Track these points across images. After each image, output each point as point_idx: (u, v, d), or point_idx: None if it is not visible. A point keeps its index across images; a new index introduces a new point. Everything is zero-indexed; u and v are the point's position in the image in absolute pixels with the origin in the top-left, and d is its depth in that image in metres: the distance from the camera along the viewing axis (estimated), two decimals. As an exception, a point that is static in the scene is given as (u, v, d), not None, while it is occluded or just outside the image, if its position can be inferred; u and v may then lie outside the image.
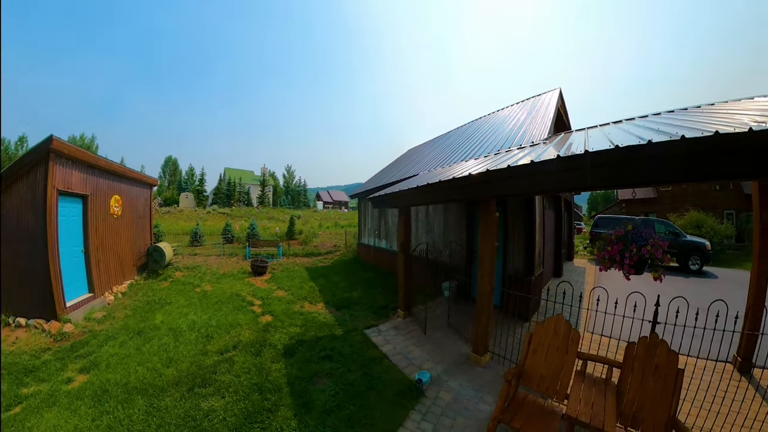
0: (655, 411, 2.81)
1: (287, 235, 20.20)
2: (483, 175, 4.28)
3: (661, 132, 3.29)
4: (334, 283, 10.02)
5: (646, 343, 3.04)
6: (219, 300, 8.19)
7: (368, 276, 10.93)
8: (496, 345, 5.25)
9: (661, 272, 3.56)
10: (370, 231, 13.85)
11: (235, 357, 5.20)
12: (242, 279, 10.60)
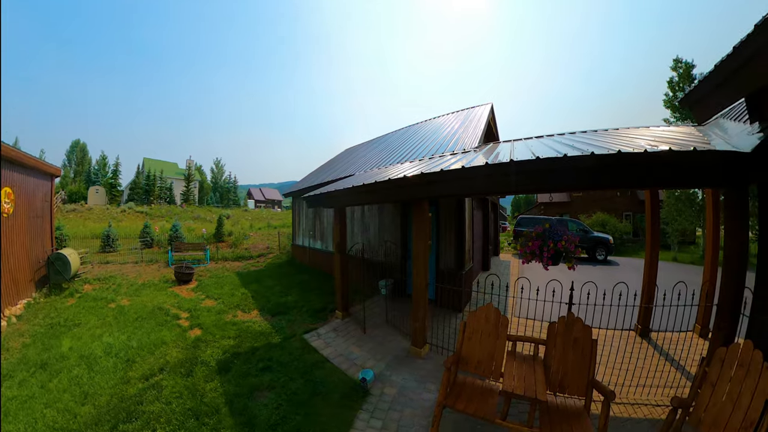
0: (577, 376, 3.28)
1: (215, 237, 18.72)
2: (418, 177, 4.59)
3: (575, 148, 3.92)
4: (269, 288, 9.52)
5: (565, 321, 3.49)
6: (139, 316, 7.24)
7: (304, 278, 10.63)
8: (433, 336, 5.50)
9: (574, 262, 4.28)
10: (305, 231, 13.56)
11: (164, 381, 4.58)
12: (165, 289, 9.53)
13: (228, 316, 7.23)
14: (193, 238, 17.86)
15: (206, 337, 6.06)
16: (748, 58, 3.06)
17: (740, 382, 2.66)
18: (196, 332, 6.37)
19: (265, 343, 5.81)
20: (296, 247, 14.47)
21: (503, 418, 3.19)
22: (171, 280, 10.45)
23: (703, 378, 2.92)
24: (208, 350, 5.52)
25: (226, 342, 5.85)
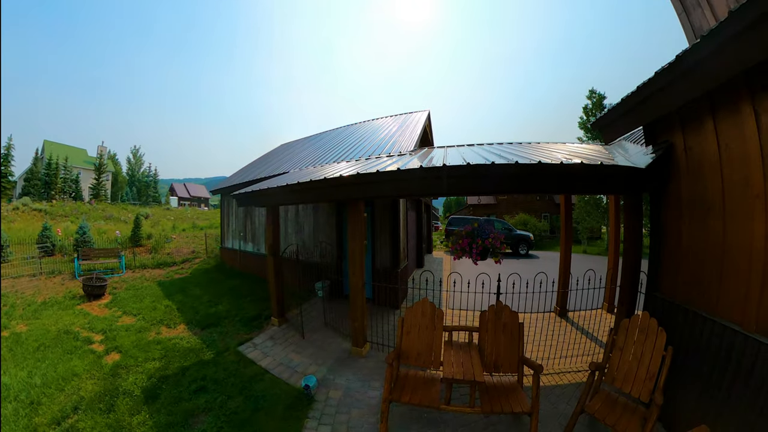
0: (509, 356, 3.74)
1: (132, 240, 15.74)
2: (354, 177, 4.63)
3: (502, 157, 4.40)
4: (196, 298, 8.69)
5: (494, 309, 3.90)
6: (41, 344, 5.93)
7: (235, 284, 9.95)
8: (373, 335, 5.60)
9: (500, 257, 4.79)
10: (235, 233, 12.77)
11: (80, 423, 3.82)
12: (72, 307, 8.05)
13: (151, 334, 6.42)
14: (105, 243, 14.88)
15: (126, 362, 5.25)
16: (646, 97, 3.72)
17: (642, 344, 3.37)
18: (113, 357, 5.49)
19: (196, 360, 5.27)
20: (225, 251, 13.46)
21: (447, 403, 3.51)
22: (79, 296, 8.85)
23: (613, 344, 3.58)
24: (130, 377, 4.81)
25: (150, 365, 5.15)
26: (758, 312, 2.56)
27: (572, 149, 5.52)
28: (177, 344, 5.91)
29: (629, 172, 3.86)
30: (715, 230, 3.04)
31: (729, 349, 2.77)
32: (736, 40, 2.48)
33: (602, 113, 4.86)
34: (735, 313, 2.79)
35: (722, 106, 2.98)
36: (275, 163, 12.38)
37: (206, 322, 6.91)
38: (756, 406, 2.48)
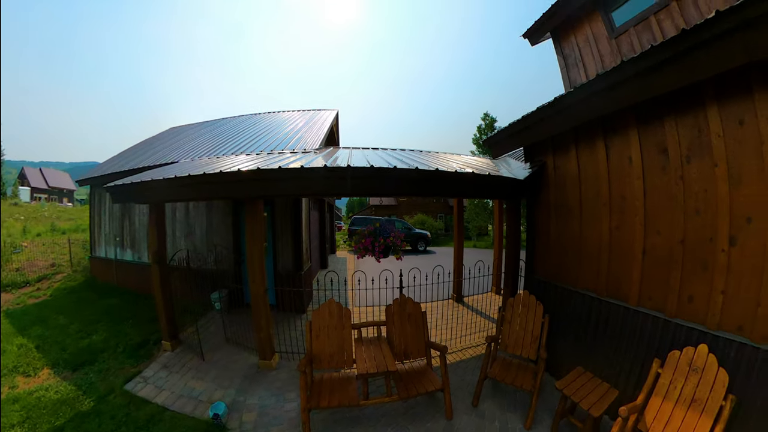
0: (416, 343, 4.07)
1: None
2: (253, 173, 4.19)
3: (404, 162, 4.76)
4: (62, 329, 6.54)
5: (399, 302, 4.16)
6: None
7: (112, 304, 7.83)
8: (281, 344, 5.32)
9: (401, 254, 5.12)
10: (110, 237, 9.79)
11: None
12: None
13: (2, 391, 4.54)
14: None
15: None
16: (528, 125, 4.63)
17: (525, 316, 4.25)
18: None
19: (72, 415, 4.01)
20: (97, 261, 10.23)
21: (366, 398, 3.60)
22: None
23: (503, 319, 4.37)
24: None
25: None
26: (606, 282, 3.78)
27: (466, 160, 6.33)
28: (42, 398, 4.37)
29: (511, 183, 4.81)
30: (575, 228, 4.21)
31: (589, 310, 3.96)
32: (595, 96, 3.51)
33: (493, 133, 5.83)
34: (591, 284, 3.97)
35: (583, 139, 4.12)
36: (163, 151, 10.26)
37: (79, 360, 5.31)
38: (611, 346, 3.64)
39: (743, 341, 2.56)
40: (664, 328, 3.13)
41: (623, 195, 3.60)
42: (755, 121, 2.53)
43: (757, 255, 2.54)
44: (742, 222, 2.64)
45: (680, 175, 3.08)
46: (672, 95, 3.03)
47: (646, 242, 3.36)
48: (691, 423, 2.54)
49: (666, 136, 3.19)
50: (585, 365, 3.78)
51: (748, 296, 2.58)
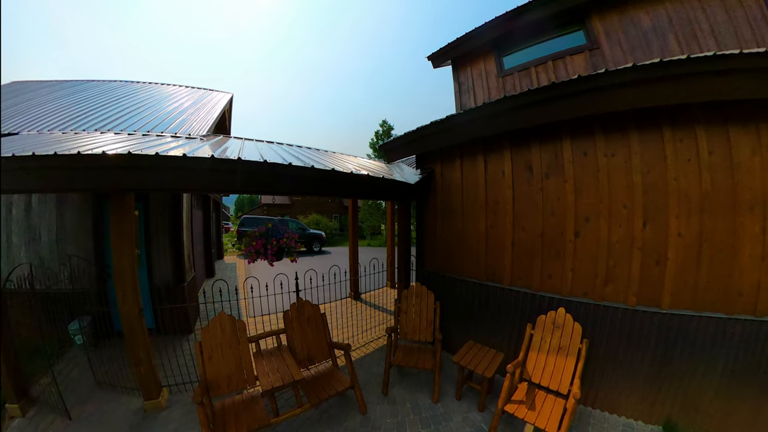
0: (319, 346, 3.99)
1: None
2: (124, 158, 3.18)
3: (300, 159, 4.51)
4: None
5: (296, 306, 4.00)
6: None
7: None
8: (169, 375, 4.24)
9: (295, 256, 4.85)
10: None
11: None
12: None
13: None
14: None
15: None
16: (422, 136, 5.10)
17: (419, 305, 4.59)
18: None
19: None
20: None
21: (276, 414, 3.32)
22: None
23: (399, 310, 4.62)
24: None
25: None
26: (485, 269, 4.54)
27: (362, 162, 6.43)
28: None
29: (403, 186, 5.12)
30: (458, 226, 4.85)
31: (472, 293, 4.65)
32: (480, 120, 4.26)
33: (389, 140, 6.19)
34: (473, 272, 4.68)
35: (467, 153, 4.76)
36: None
37: None
38: (493, 320, 4.43)
39: (588, 302, 3.66)
40: (532, 300, 4.07)
41: (497, 200, 4.41)
42: (594, 154, 3.65)
43: (593, 243, 3.65)
44: (583, 221, 3.72)
45: (541, 186, 4.03)
46: (539, 127, 3.96)
47: (515, 236, 4.24)
48: (560, 364, 3.43)
49: (532, 157, 4.09)
50: (475, 338, 4.47)
51: (588, 271, 3.68)
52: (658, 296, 3.33)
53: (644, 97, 3.15)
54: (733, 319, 3.07)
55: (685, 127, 3.22)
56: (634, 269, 3.42)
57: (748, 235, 3.02)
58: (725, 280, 3.09)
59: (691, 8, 4.54)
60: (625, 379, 3.52)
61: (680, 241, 3.23)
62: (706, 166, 3.14)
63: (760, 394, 3.01)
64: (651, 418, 3.42)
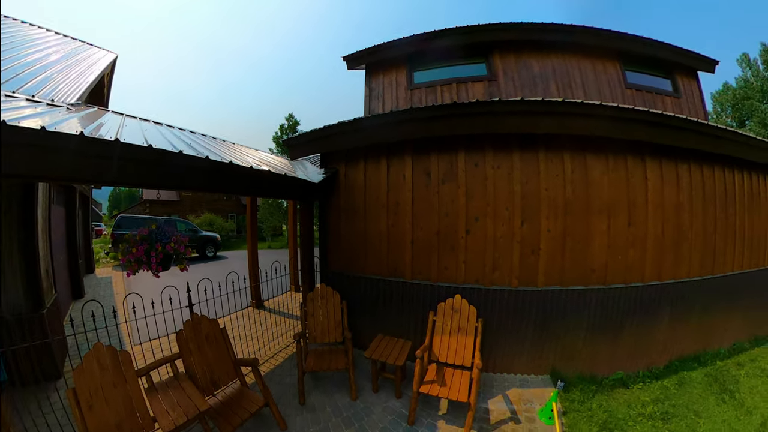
0: (223, 366, 3.59)
1: None
2: None
3: (192, 147, 3.82)
4: None
5: (191, 324, 3.51)
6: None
7: None
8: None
9: (186, 263, 4.12)
10: None
11: None
12: None
13: None
14: None
15: None
16: (328, 135, 5.05)
17: (325, 306, 4.49)
18: None
19: None
20: None
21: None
22: None
23: (306, 314, 4.47)
24: None
25: None
26: (388, 266, 4.77)
27: (263, 157, 5.91)
28: None
29: (306, 185, 4.91)
30: (361, 226, 4.94)
31: (377, 289, 4.83)
32: (387, 126, 4.51)
33: (295, 135, 5.92)
34: (376, 269, 4.84)
35: (371, 156, 4.88)
36: None
37: None
38: (399, 312, 4.70)
39: (480, 287, 4.32)
40: (432, 290, 4.48)
41: (398, 201, 4.67)
42: (484, 166, 4.31)
43: (481, 239, 4.31)
44: (473, 221, 4.34)
45: (437, 191, 4.47)
46: (439, 139, 4.41)
47: (414, 235, 4.58)
48: (462, 342, 3.98)
49: (431, 164, 4.51)
50: (383, 332, 4.66)
51: (479, 262, 4.33)
52: (535, 278, 4.27)
53: (527, 125, 3.99)
54: (590, 289, 4.25)
55: (555, 150, 4.22)
56: (515, 258, 4.26)
57: (597, 230, 4.24)
58: (582, 262, 4.25)
59: (570, 66, 6.23)
60: (515, 344, 4.35)
61: (549, 236, 4.22)
62: (569, 181, 4.22)
63: (613, 339, 4.35)
64: (540, 371, 4.37)
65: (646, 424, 3.51)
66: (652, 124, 4.02)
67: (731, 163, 4.94)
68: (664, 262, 4.48)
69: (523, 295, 4.27)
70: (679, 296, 4.59)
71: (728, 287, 5.05)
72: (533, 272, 4.26)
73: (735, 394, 4.05)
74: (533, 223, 4.23)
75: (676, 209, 4.52)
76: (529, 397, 3.96)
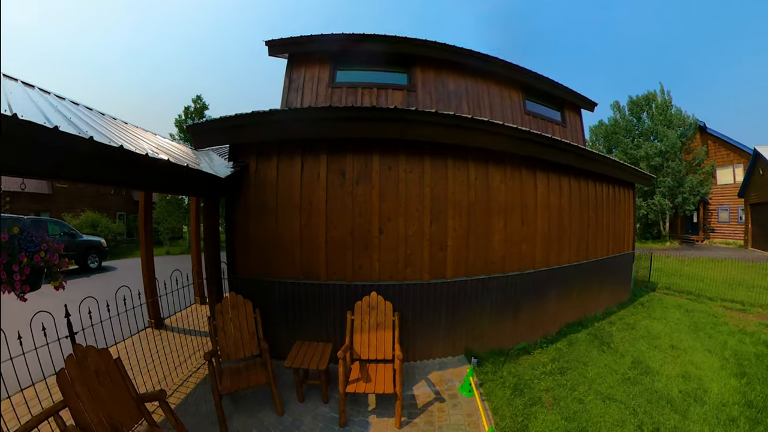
0: (123, 407, 2.79)
1: None
2: None
3: (74, 124, 3.03)
4: None
5: (75, 359, 2.69)
6: None
7: None
8: None
9: (62, 279, 2.94)
10: None
11: None
12: None
13: None
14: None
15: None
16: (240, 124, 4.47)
17: (237, 317, 4.11)
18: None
19: None
20: None
21: None
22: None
23: (215, 328, 3.96)
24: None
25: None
26: (302, 268, 4.55)
27: (162, 143, 5.14)
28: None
29: (212, 179, 4.31)
30: (271, 225, 4.58)
31: (292, 294, 4.58)
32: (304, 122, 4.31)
33: (202, 120, 5.18)
34: (290, 273, 4.57)
35: (286, 151, 4.58)
36: None
37: None
38: (316, 315, 4.56)
39: (394, 283, 4.45)
40: (348, 290, 4.43)
41: (311, 201, 4.47)
42: (397, 169, 4.46)
43: (394, 238, 4.44)
44: (386, 220, 4.43)
45: (351, 191, 4.44)
46: (355, 140, 4.41)
47: (328, 235, 4.45)
48: (381, 337, 4.04)
49: (346, 164, 4.46)
50: (302, 338, 4.43)
51: (392, 259, 4.46)
52: (444, 271, 4.60)
53: (439, 135, 4.29)
54: (491, 277, 4.84)
55: (462, 159, 4.65)
56: (426, 255, 4.51)
57: (496, 228, 4.83)
58: (484, 255, 4.78)
59: (481, 89, 6.94)
60: (431, 332, 4.65)
61: (455, 234, 4.58)
62: (473, 186, 4.69)
63: (513, 316, 5.11)
64: (455, 352, 4.79)
65: (548, 379, 4.30)
66: (543, 145, 4.98)
67: (600, 177, 6.49)
68: (551, 252, 5.52)
69: (435, 288, 4.56)
70: (563, 278, 5.75)
71: (599, 268, 6.61)
72: (442, 266, 4.59)
73: (610, 344, 5.37)
74: (441, 222, 4.54)
75: (559, 211, 5.63)
76: (449, 377, 4.28)
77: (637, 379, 4.33)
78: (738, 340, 5.51)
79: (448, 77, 6.68)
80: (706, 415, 3.58)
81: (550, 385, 4.16)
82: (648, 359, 4.88)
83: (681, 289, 8.96)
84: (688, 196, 19.94)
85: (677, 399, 3.90)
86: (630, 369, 4.59)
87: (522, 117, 7.37)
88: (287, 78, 6.65)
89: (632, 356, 4.97)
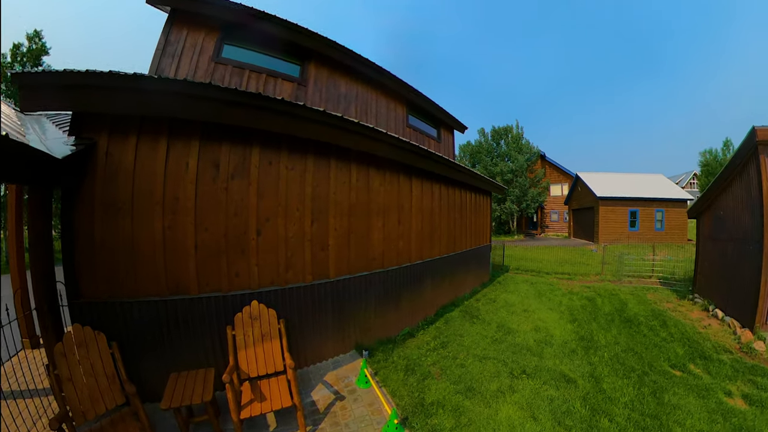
0: None
1: None
2: None
3: None
4: None
5: None
6: None
7: None
8: None
9: None
10: None
11: None
12: None
13: None
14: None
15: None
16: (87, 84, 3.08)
17: (87, 358, 2.98)
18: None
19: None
20: None
21: None
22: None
23: (58, 380, 2.75)
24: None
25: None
26: (167, 282, 3.58)
27: None
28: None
29: (43, 158, 2.98)
30: (126, 228, 3.45)
31: (157, 315, 3.58)
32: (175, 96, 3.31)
33: (36, 70, 3.32)
34: (152, 289, 3.54)
35: (147, 131, 3.54)
36: None
37: None
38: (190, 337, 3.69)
39: (276, 288, 4.08)
40: (225, 302, 3.79)
41: (177, 196, 3.60)
42: (278, 165, 4.13)
43: (273, 239, 4.07)
44: (264, 221, 3.99)
45: (226, 186, 3.82)
46: (235, 127, 3.80)
47: (198, 238, 3.65)
48: (269, 349, 3.68)
49: (221, 154, 3.80)
50: (177, 368, 3.53)
51: (272, 263, 4.07)
52: (327, 271, 4.52)
53: (324, 135, 4.16)
54: (373, 273, 5.03)
55: (345, 161, 4.68)
56: (307, 255, 4.32)
57: (375, 228, 5.05)
58: (365, 253, 4.93)
59: (370, 97, 7.13)
60: (321, 333, 4.53)
61: (336, 233, 4.58)
62: (354, 188, 4.77)
63: (396, 306, 5.49)
64: (346, 348, 4.80)
65: (433, 354, 4.85)
66: (421, 156, 5.48)
67: (465, 186, 7.81)
68: (424, 247, 6.17)
69: (319, 288, 4.44)
70: (436, 268, 6.57)
71: (464, 259, 7.93)
72: (325, 266, 4.51)
73: (479, 316, 6.45)
74: (322, 222, 4.46)
75: (431, 212, 6.34)
76: (345, 374, 4.29)
77: (502, 339, 5.40)
78: (568, 299, 7.76)
79: (340, 79, 6.58)
80: (555, 352, 4.90)
81: (436, 359, 4.68)
82: (508, 322, 6.14)
83: (527, 269, 11.89)
84: (530, 203, 27.09)
85: (534, 346, 5.11)
86: (496, 332, 5.67)
87: (404, 129, 7.88)
88: (163, 38, 5.15)
89: (497, 322, 6.12)
